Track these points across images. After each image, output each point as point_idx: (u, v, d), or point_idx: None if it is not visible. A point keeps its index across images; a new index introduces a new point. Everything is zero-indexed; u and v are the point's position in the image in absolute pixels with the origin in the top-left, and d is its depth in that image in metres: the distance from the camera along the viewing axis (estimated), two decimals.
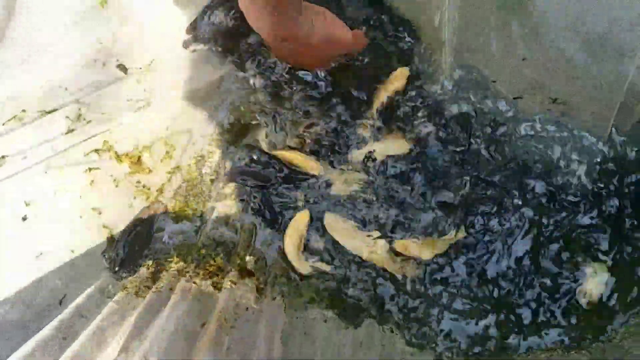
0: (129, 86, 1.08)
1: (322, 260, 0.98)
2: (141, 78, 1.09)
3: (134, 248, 1.03)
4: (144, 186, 1.05)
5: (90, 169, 1.06)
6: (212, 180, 1.04)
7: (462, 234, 0.95)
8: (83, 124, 1.06)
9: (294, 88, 1.03)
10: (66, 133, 1.05)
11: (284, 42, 0.92)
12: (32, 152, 1.04)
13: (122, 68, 1.06)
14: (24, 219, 1.03)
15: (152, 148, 1.06)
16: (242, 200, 1.02)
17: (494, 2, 0.98)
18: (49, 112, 1.04)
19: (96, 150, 1.06)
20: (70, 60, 1.04)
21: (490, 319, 0.94)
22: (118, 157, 1.06)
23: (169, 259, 1.00)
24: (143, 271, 1.01)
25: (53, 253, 1.01)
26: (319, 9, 0.93)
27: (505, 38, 0.98)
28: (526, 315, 0.93)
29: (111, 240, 1.03)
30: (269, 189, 1.01)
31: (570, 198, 0.96)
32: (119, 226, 1.03)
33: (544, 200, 0.97)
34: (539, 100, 0.99)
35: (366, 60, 1.04)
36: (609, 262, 0.93)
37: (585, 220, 0.95)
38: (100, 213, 1.05)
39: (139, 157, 1.05)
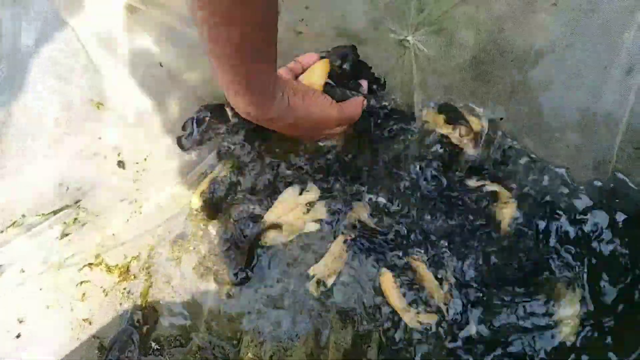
0: (123, 185, 1.10)
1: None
2: (137, 176, 1.11)
3: (124, 355, 1.06)
4: (129, 292, 1.10)
5: (82, 282, 1.10)
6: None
7: None
8: (78, 226, 1.08)
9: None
10: (60, 238, 1.07)
11: (260, 121, 0.89)
12: (28, 265, 1.06)
13: (121, 165, 1.09)
14: (18, 336, 1.07)
15: (140, 256, 1.11)
16: None
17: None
18: (46, 215, 1.06)
19: (89, 265, 1.09)
20: (64, 160, 1.07)
21: None
22: (109, 270, 1.11)
23: None
24: None
25: None
26: (300, 87, 0.91)
27: None
28: None
29: (102, 349, 1.06)
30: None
31: None
32: (109, 334, 1.04)
33: None
34: None
35: None
36: None
37: None
38: (90, 323, 1.09)
39: (128, 267, 1.11)
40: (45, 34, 0.99)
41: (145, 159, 1.10)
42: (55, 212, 1.05)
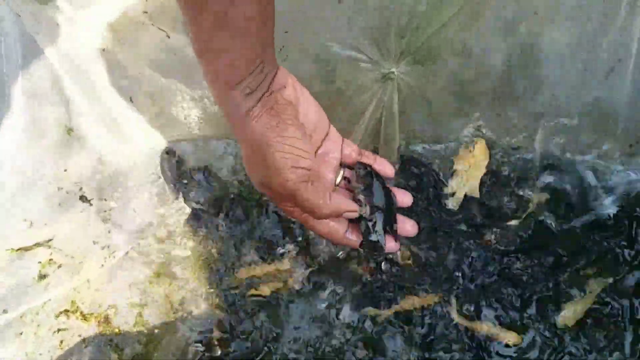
0: (96, 225, 1.08)
1: None
2: (106, 216, 1.09)
3: None
4: (116, 345, 1.06)
5: (59, 330, 1.06)
6: None
7: None
8: (54, 268, 1.04)
9: None
10: (39, 280, 1.03)
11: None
12: (8, 306, 1.01)
13: (85, 200, 1.06)
14: None
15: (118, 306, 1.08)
16: None
17: None
18: (17, 251, 1.01)
19: (65, 312, 1.06)
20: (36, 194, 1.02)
21: None
22: (84, 317, 1.06)
23: None
24: None
25: None
26: (289, 115, 0.59)
27: None
28: None
29: None
30: None
31: None
32: None
33: None
34: None
35: None
36: None
37: None
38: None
39: (106, 316, 1.07)
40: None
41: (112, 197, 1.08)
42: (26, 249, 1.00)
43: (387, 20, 0.91)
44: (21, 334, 1.03)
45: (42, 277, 1.05)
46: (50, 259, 1.05)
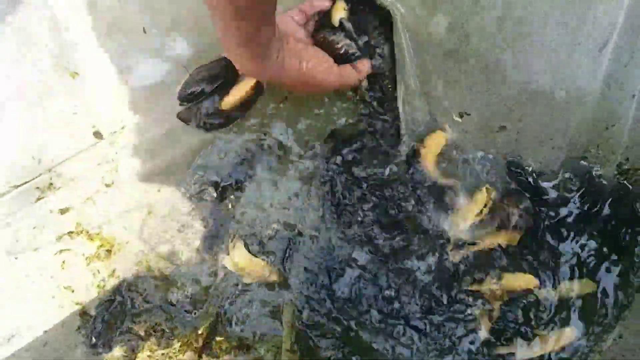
0: (100, 149, 1.07)
1: None
2: (114, 139, 1.08)
3: (110, 321, 1.02)
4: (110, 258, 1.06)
5: (61, 251, 1.06)
6: None
7: None
8: (53, 191, 1.05)
9: None
10: (35, 201, 1.04)
11: (258, 78, 0.95)
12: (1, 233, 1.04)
13: (98, 135, 1.07)
14: None
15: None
16: None
17: None
18: (20, 186, 1.04)
19: (69, 233, 1.06)
20: (42, 128, 1.06)
21: None
22: (90, 237, 1.07)
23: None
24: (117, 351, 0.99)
25: (26, 335, 1.00)
26: (298, 48, 0.89)
27: None
28: None
29: (84, 316, 1.02)
30: None
31: None
32: (92, 302, 1.02)
33: None
34: None
35: None
36: None
37: None
38: (73, 291, 1.06)
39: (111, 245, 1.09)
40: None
41: (122, 128, 1.08)
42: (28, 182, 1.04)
43: None
44: (16, 258, 1.04)
45: (40, 199, 1.08)
46: (50, 184, 1.08)
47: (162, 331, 0.99)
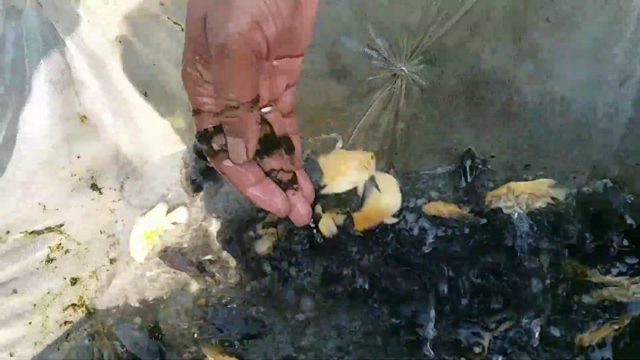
0: (104, 214, 1.08)
1: None
2: (114, 206, 1.09)
3: None
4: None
5: (65, 322, 1.02)
6: None
7: None
8: (62, 252, 1.02)
9: None
10: (46, 262, 0.99)
11: None
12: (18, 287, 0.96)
13: (96, 188, 1.06)
14: None
15: None
16: None
17: None
18: (31, 234, 0.98)
19: (73, 306, 1.03)
20: (51, 179, 1.00)
21: None
22: (90, 313, 1.05)
23: None
24: None
25: None
26: None
27: None
28: None
29: None
30: None
31: None
32: None
33: None
34: None
35: None
36: None
37: None
38: None
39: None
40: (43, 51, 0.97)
41: (121, 187, 1.09)
42: (38, 233, 0.98)
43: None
44: (30, 323, 0.97)
45: (50, 260, 1.01)
46: (59, 244, 1.02)
47: None
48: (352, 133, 1.12)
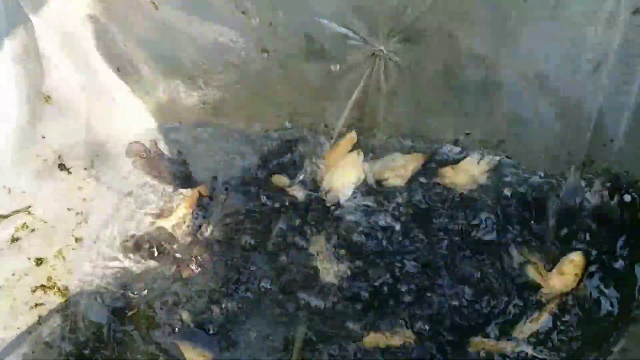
0: (73, 193, 1.06)
1: None
2: (83, 184, 1.07)
3: None
4: None
5: (36, 305, 1.00)
6: None
7: None
8: (27, 232, 0.99)
9: None
10: (11, 242, 0.97)
11: None
12: None
13: (64, 168, 1.03)
14: None
15: None
16: None
17: None
18: None
19: (42, 287, 1.01)
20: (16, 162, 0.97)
21: None
22: (62, 293, 1.03)
23: None
24: None
25: None
26: None
27: None
28: None
29: None
30: None
31: None
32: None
33: None
34: None
35: None
36: None
37: None
38: (51, 347, 0.99)
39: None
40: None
41: (91, 165, 1.07)
42: (4, 217, 0.95)
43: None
44: None
45: (14, 240, 0.99)
46: (24, 224, 1.00)
47: None
48: (337, 119, 1.12)
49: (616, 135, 1.01)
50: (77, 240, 1.06)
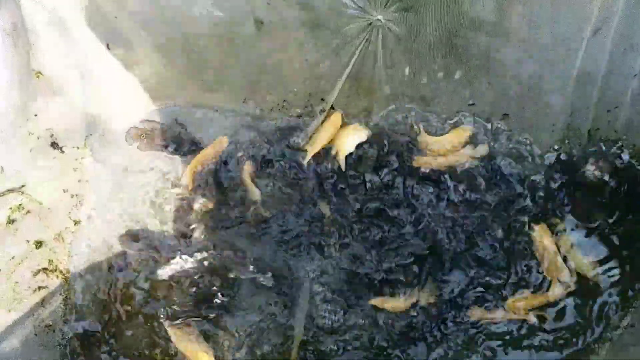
0: (68, 174, 1.04)
1: None
2: (78, 165, 1.05)
3: None
4: None
5: (39, 288, 1.00)
6: None
7: None
8: (23, 213, 0.98)
9: None
10: (6, 224, 0.96)
11: None
12: None
13: (57, 147, 1.01)
14: None
15: None
16: None
17: None
18: None
19: (44, 270, 1.01)
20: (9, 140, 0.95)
21: None
22: (63, 276, 1.03)
23: None
24: None
25: None
26: None
27: None
28: None
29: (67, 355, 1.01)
30: None
31: None
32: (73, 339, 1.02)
33: None
34: None
35: None
36: None
37: None
38: (54, 331, 0.99)
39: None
40: None
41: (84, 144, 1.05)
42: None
43: None
44: None
45: (10, 222, 0.97)
46: (20, 205, 0.98)
47: None
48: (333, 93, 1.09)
49: (621, 102, 1.00)
50: (75, 222, 1.05)
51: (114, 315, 1.02)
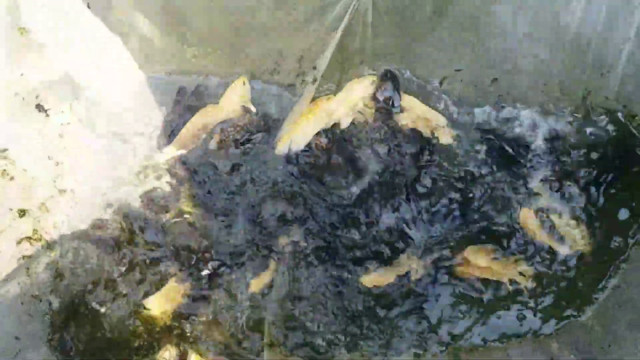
0: (52, 139, 0.99)
1: None
2: (62, 131, 1.00)
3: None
4: None
5: (24, 257, 0.96)
6: None
7: None
8: (6, 180, 0.94)
9: None
10: None
11: None
12: None
13: (42, 109, 0.97)
14: None
15: None
16: None
17: None
18: None
19: (28, 239, 0.96)
20: None
21: None
22: (49, 246, 0.99)
23: None
24: None
25: None
26: None
27: None
28: None
29: (55, 325, 0.98)
30: None
31: None
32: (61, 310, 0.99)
33: None
34: None
35: None
36: None
37: None
38: (40, 301, 0.94)
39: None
40: None
41: (70, 108, 1.00)
42: None
43: None
44: None
45: None
46: (4, 170, 0.93)
47: None
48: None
49: (615, 65, 0.99)
50: (60, 192, 1.00)
51: (100, 283, 0.98)
